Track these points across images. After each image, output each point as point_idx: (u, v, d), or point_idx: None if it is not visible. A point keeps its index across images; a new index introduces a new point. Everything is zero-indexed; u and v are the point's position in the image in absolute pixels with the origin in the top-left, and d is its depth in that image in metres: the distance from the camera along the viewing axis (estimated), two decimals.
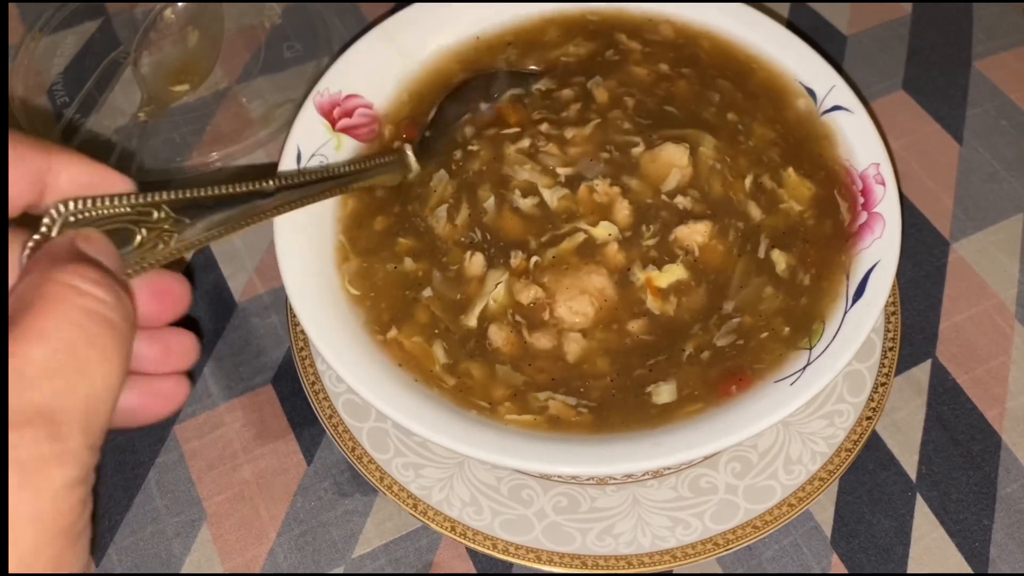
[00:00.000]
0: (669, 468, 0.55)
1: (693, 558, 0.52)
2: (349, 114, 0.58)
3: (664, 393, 0.49)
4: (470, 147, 0.57)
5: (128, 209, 0.36)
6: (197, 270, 0.65)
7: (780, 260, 0.53)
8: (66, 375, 0.30)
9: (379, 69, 0.59)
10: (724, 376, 0.49)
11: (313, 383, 0.57)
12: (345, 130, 0.57)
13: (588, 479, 0.55)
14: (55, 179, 0.36)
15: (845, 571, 0.54)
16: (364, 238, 0.54)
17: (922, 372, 0.61)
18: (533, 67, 0.61)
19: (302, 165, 0.55)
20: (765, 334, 0.50)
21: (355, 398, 0.56)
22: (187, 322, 0.40)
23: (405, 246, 0.53)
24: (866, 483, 0.57)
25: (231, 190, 0.41)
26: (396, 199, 0.55)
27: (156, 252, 0.37)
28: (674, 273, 0.52)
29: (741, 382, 0.48)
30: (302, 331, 0.59)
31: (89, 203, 0.35)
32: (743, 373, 0.49)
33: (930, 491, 0.57)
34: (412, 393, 0.48)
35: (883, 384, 0.57)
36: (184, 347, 0.40)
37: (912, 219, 0.68)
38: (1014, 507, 0.56)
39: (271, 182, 0.43)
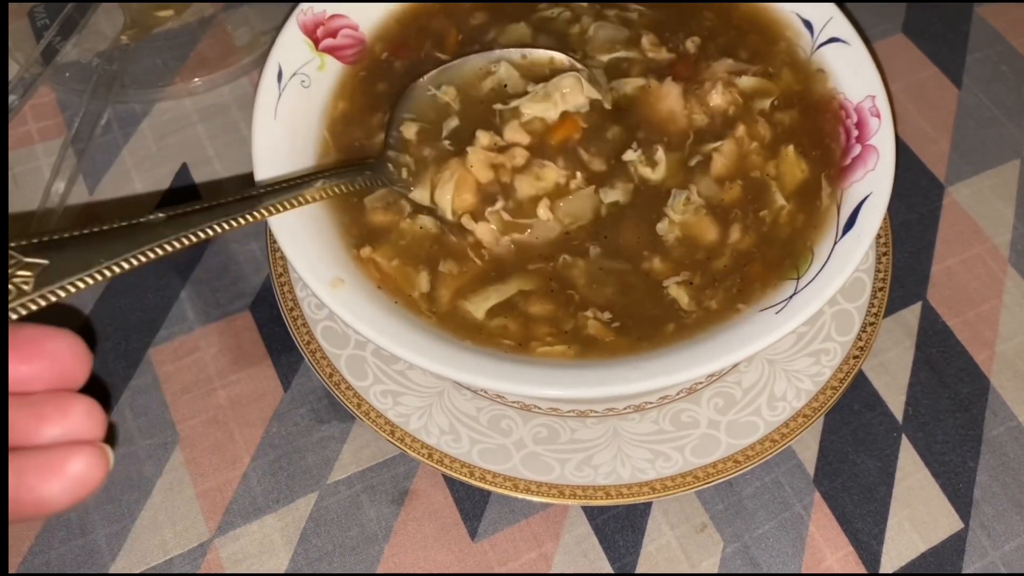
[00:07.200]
0: (650, 401, 0.54)
1: (672, 490, 0.51)
2: (333, 34, 0.56)
3: None
4: None
5: None
6: (176, 195, 0.64)
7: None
8: None
9: None
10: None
11: (291, 309, 0.56)
12: (329, 50, 0.56)
13: (568, 411, 0.54)
14: None
15: (827, 509, 0.53)
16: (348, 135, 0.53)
17: (912, 314, 0.60)
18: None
19: (283, 84, 0.53)
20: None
21: (334, 325, 0.55)
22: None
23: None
24: (851, 423, 0.56)
25: (103, 228, 0.35)
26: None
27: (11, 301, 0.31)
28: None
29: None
30: (281, 257, 0.58)
31: None
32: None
33: (916, 432, 0.56)
34: (375, 302, 0.46)
35: (872, 324, 0.56)
36: (76, 417, 0.30)
37: (907, 162, 0.66)
38: (1000, 450, 0.55)
39: (159, 214, 0.37)
